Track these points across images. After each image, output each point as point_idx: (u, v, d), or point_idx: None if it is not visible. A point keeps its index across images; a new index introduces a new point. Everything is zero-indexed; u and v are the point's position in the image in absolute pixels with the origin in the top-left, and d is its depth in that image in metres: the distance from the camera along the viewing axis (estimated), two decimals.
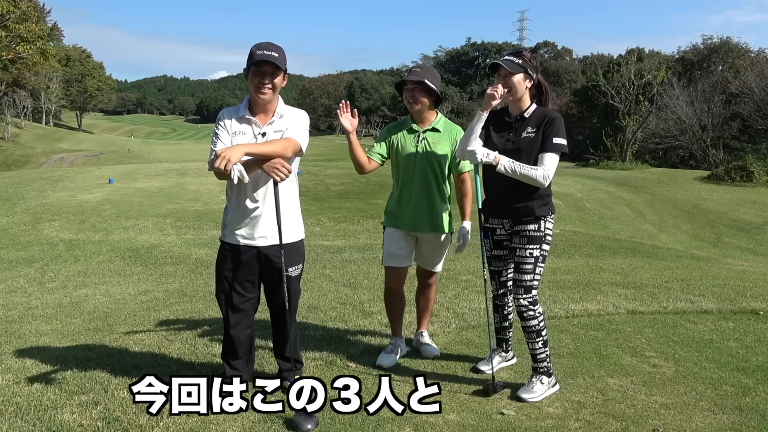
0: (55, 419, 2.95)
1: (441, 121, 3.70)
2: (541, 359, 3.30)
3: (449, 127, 3.69)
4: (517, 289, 3.26)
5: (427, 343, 3.96)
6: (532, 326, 3.26)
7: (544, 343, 3.29)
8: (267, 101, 3.01)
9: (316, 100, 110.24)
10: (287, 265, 3.12)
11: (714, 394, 3.37)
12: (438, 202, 3.66)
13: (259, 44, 2.97)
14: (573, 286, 6.22)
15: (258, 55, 2.90)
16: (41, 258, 9.33)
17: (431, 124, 3.66)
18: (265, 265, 3.15)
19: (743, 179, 26.41)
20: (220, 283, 3.17)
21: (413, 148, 3.63)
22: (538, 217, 3.24)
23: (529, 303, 3.23)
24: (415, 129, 3.68)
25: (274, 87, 2.96)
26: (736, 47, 52.17)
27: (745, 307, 5.39)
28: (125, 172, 20.91)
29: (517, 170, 3.13)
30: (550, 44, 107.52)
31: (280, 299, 3.21)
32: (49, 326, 4.97)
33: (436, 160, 3.61)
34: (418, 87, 3.56)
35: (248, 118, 3.04)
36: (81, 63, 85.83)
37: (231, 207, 3.12)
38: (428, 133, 3.64)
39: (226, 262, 3.13)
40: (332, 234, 12.04)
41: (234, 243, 3.11)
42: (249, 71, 2.96)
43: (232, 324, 3.18)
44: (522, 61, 3.22)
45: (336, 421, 2.99)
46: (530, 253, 3.23)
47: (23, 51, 39.06)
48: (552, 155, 3.17)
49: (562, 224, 15.13)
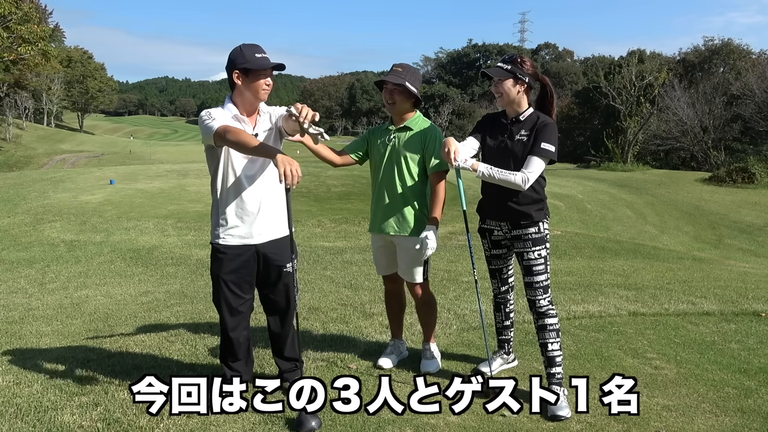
0: (55, 420, 2.95)
1: (416, 120, 3.57)
2: (558, 363, 3.28)
3: (422, 125, 3.55)
4: (535, 291, 3.26)
5: (427, 358, 3.77)
6: (553, 324, 3.27)
7: (560, 346, 3.30)
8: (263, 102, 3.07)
9: (317, 102, 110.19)
10: (286, 261, 3.14)
11: (716, 396, 3.36)
12: (406, 203, 3.49)
13: (250, 46, 2.98)
14: (574, 288, 6.21)
15: (260, 59, 2.94)
16: (42, 259, 9.34)
17: (405, 122, 3.56)
18: (264, 263, 3.14)
19: (745, 181, 26.42)
20: (219, 288, 3.11)
21: (383, 148, 3.56)
22: (536, 221, 3.25)
23: (548, 303, 3.28)
24: (389, 129, 3.60)
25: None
26: (738, 49, 52.20)
27: (746, 308, 5.38)
28: (126, 173, 20.92)
29: (495, 175, 3.13)
30: (551, 46, 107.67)
31: (281, 297, 3.21)
32: (50, 327, 4.97)
33: (403, 158, 3.48)
34: (397, 89, 3.46)
35: (242, 118, 3.03)
36: (82, 64, 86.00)
37: (224, 207, 3.06)
38: (399, 132, 3.55)
39: (224, 265, 3.08)
40: (333, 235, 12.03)
41: (231, 244, 3.07)
42: (246, 74, 2.95)
43: (231, 327, 3.15)
44: (511, 66, 3.23)
45: (337, 422, 2.98)
46: (539, 254, 3.25)
47: (25, 52, 39.11)
48: (537, 159, 3.14)
49: (563, 225, 15.12)
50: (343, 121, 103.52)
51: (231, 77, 3.00)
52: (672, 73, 43.35)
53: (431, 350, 3.79)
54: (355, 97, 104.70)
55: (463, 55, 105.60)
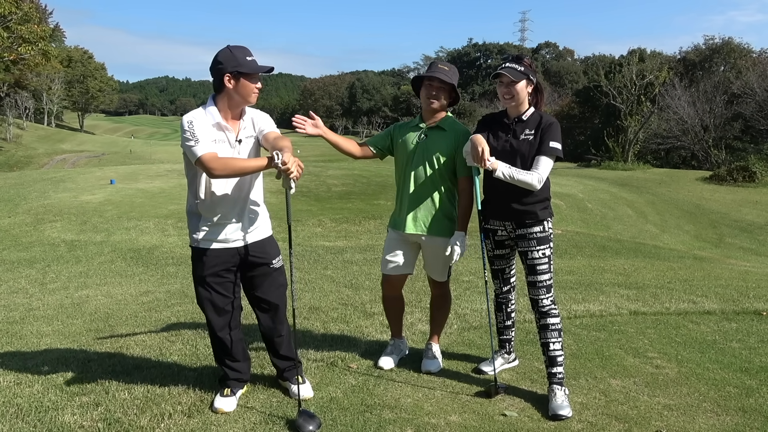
0: (56, 420, 2.95)
1: (448, 120, 3.53)
2: (560, 363, 3.25)
3: (455, 127, 3.51)
4: (538, 290, 3.26)
5: (429, 357, 3.75)
6: (555, 324, 3.27)
7: (562, 346, 3.29)
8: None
9: (317, 101, 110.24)
10: (271, 258, 3.13)
11: (717, 395, 3.36)
12: (436, 203, 3.48)
13: (241, 49, 2.89)
14: (575, 287, 6.20)
15: (252, 62, 2.87)
16: (43, 259, 9.34)
17: (438, 122, 3.51)
18: (249, 263, 3.10)
19: (745, 180, 26.39)
20: (203, 289, 3.06)
21: (413, 145, 3.51)
22: (541, 219, 3.26)
23: (551, 302, 3.28)
24: (420, 126, 3.54)
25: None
26: (738, 47, 52.14)
27: (748, 307, 5.37)
28: (127, 173, 20.92)
29: (514, 176, 3.13)
30: (551, 45, 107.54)
31: (269, 294, 3.16)
32: (51, 327, 4.97)
33: (436, 158, 3.45)
34: (444, 87, 3.43)
35: (224, 125, 2.92)
36: (83, 64, 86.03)
37: (205, 211, 3.00)
38: (432, 130, 3.50)
39: (206, 267, 3.03)
40: (334, 235, 12.02)
41: (214, 247, 3.02)
42: (238, 78, 2.85)
43: (219, 327, 3.12)
44: (524, 68, 3.23)
45: (338, 422, 2.98)
46: (543, 254, 3.25)
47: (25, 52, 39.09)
48: (547, 159, 3.17)
49: (563, 225, 15.12)
50: (343, 120, 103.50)
51: (219, 80, 2.87)
52: (672, 71, 43.32)
53: (434, 350, 3.78)
54: (356, 96, 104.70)
55: (463, 54, 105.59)
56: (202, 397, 3.21)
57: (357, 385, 3.44)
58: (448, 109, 3.56)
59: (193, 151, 2.79)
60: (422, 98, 3.50)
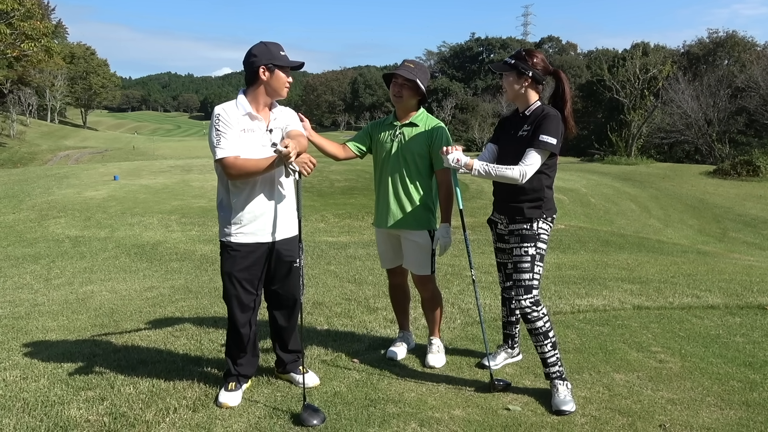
0: (62, 415, 2.97)
1: (421, 116, 3.61)
2: (552, 363, 3.18)
3: (428, 122, 3.59)
4: (517, 289, 3.16)
5: (432, 352, 3.74)
6: (538, 328, 3.15)
7: (553, 345, 3.17)
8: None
9: (320, 96, 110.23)
10: (296, 257, 3.19)
11: (721, 389, 3.36)
12: (412, 198, 3.53)
13: (275, 45, 3.04)
14: (578, 282, 6.20)
15: (285, 57, 3.03)
16: (47, 255, 9.37)
17: (411, 118, 3.59)
18: (276, 259, 3.15)
19: (749, 174, 26.29)
20: (231, 286, 3.10)
21: (389, 143, 3.59)
22: (528, 218, 3.20)
23: (531, 303, 3.14)
24: (394, 124, 3.62)
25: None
26: (742, 41, 51.92)
27: (751, 302, 5.36)
28: (130, 169, 20.96)
29: (492, 172, 3.10)
30: (554, 39, 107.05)
31: (289, 292, 3.23)
32: (56, 322, 4.99)
33: (410, 154, 3.52)
34: (407, 84, 3.50)
35: (256, 115, 3.04)
36: (85, 60, 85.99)
37: (237, 206, 3.06)
38: (405, 127, 3.58)
39: (237, 263, 3.07)
40: (337, 230, 12.03)
41: (245, 242, 3.07)
42: (273, 70, 2.99)
43: (242, 323, 3.15)
44: (515, 61, 3.22)
45: (342, 416, 2.99)
46: (525, 251, 3.17)
47: (28, 48, 39.05)
48: (534, 152, 3.08)
49: (567, 219, 15.10)
50: (346, 115, 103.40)
51: (254, 72, 2.99)
52: (676, 65, 43.11)
53: (436, 345, 3.79)
54: (358, 91, 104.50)
55: (466, 48, 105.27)
56: (206, 392, 3.23)
57: (361, 379, 3.45)
58: (421, 106, 3.64)
59: (216, 151, 2.94)
60: (391, 96, 3.60)
